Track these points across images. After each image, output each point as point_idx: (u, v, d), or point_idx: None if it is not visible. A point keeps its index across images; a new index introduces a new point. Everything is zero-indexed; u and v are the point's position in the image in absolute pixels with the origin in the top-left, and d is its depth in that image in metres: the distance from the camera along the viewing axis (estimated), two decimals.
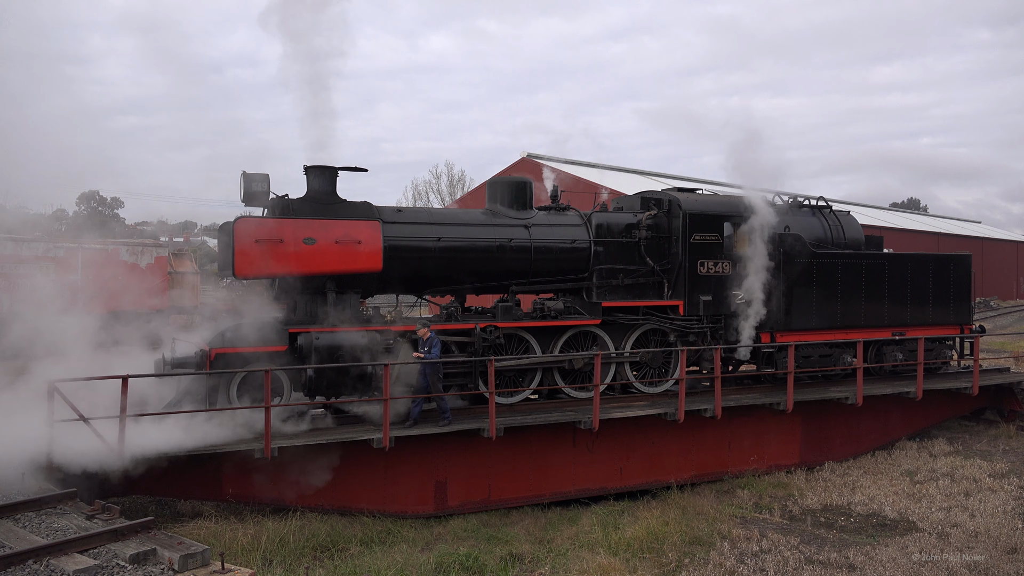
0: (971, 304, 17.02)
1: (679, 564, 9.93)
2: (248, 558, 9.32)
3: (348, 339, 11.58)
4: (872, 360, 16.09)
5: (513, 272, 13.52)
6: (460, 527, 11.28)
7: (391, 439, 10.85)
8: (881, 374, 16.35)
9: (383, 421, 10.85)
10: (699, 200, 14.75)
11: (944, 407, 16.79)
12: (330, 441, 10.88)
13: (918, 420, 16.47)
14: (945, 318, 16.43)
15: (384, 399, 10.81)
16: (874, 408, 15.45)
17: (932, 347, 16.42)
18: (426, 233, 12.75)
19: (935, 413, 16.69)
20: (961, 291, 16.60)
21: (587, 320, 13.69)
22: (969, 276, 16.86)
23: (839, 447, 15.44)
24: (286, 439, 10.73)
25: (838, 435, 15.43)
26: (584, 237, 13.90)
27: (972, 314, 17.07)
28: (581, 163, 35.74)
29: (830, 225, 16.18)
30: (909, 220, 53.97)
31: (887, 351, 16.12)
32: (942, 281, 16.36)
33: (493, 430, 11.38)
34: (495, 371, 12.16)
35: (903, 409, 15.96)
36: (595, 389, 12.21)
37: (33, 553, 6.82)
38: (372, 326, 12.03)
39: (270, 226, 11.63)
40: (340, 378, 11.52)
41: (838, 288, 15.25)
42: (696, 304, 14.29)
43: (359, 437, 10.99)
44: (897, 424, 16.16)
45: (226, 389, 11.23)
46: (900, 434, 16.27)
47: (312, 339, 11.45)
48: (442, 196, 58.42)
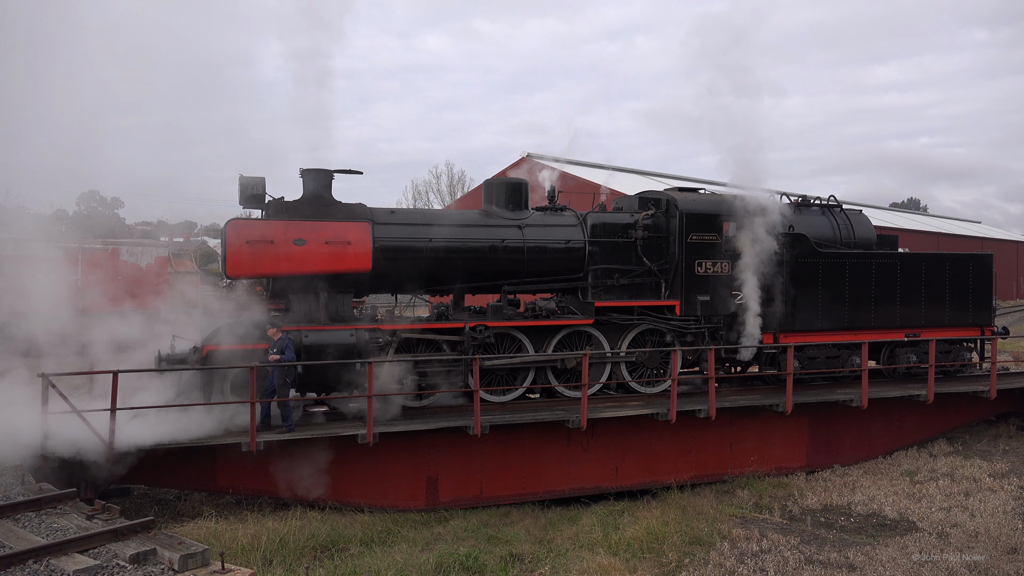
0: (992, 305, 16.62)
1: (679, 564, 9.93)
2: (248, 558, 9.32)
3: (335, 338, 11.86)
4: (885, 362, 15.87)
5: (506, 272, 13.63)
6: (460, 527, 11.29)
7: (375, 435, 11.08)
8: (895, 376, 16.07)
9: (367, 417, 11.07)
10: (696, 200, 14.70)
11: (965, 411, 16.30)
12: (316, 436, 11.16)
13: (936, 424, 16.02)
14: (963, 319, 16.05)
15: (368, 395, 11.01)
16: (887, 411, 15.18)
17: (949, 349, 16.07)
18: (418, 234, 12.94)
19: (954, 417, 16.22)
20: (981, 292, 16.19)
21: (579, 320, 13.74)
22: (990, 277, 16.47)
23: (849, 451, 15.14)
24: (273, 434, 10.98)
25: (848, 438, 15.15)
26: (579, 237, 13.95)
27: (993, 315, 16.67)
28: (582, 163, 35.68)
29: (839, 224, 15.97)
30: (909, 220, 53.97)
31: (901, 353, 15.87)
32: (960, 282, 16.00)
33: (478, 427, 11.55)
34: (485, 370, 12.63)
35: (919, 413, 15.56)
36: (583, 388, 12.25)
37: (33, 553, 6.82)
38: (360, 325, 12.28)
39: (261, 228, 11.97)
40: (328, 375, 11.80)
41: (845, 288, 15.04)
42: (693, 304, 14.25)
43: (344, 432, 11.24)
44: (912, 428, 15.78)
45: (220, 384, 11.53)
46: (916, 438, 15.85)
47: (300, 337, 11.72)
48: (442, 196, 58.43)
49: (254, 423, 10.49)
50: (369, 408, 11.01)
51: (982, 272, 16.30)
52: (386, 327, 12.51)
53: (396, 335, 12.49)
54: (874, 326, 15.30)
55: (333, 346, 11.84)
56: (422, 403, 12.97)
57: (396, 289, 13.50)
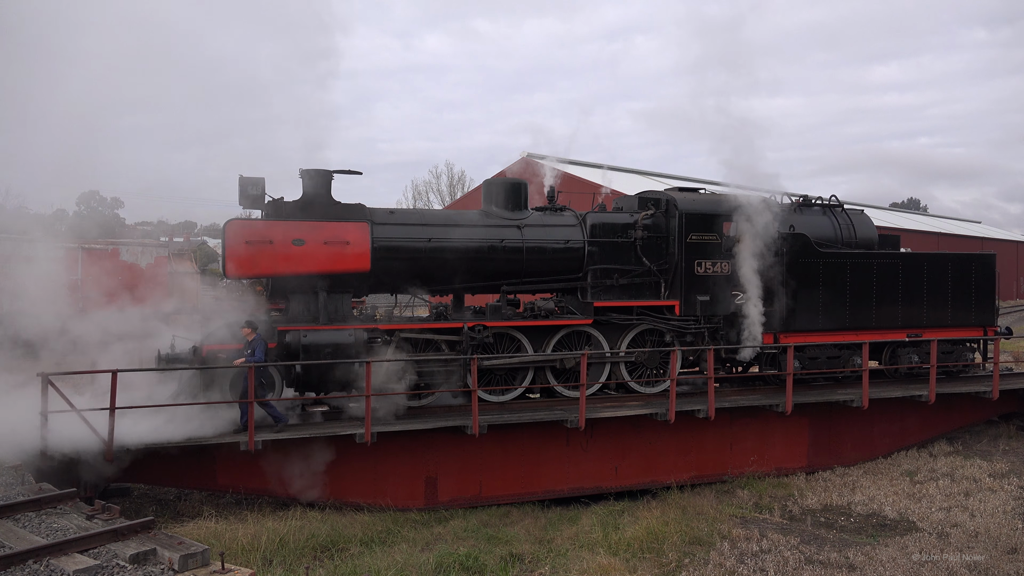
0: (995, 305, 16.54)
1: (679, 564, 9.93)
2: (248, 558, 9.32)
3: (333, 337, 11.91)
4: (887, 363, 15.82)
5: (505, 272, 13.66)
6: (460, 527, 11.29)
7: (373, 434, 11.10)
8: (897, 376, 16.01)
9: (365, 417, 11.08)
10: (696, 200, 14.68)
11: (969, 411, 16.22)
12: (314, 436, 11.18)
13: (939, 424, 15.94)
14: (966, 320, 15.99)
15: (366, 395, 11.02)
16: (889, 412, 15.12)
17: (952, 350, 15.99)
18: (416, 234, 13.01)
19: (958, 417, 16.15)
20: (984, 292, 16.13)
21: (577, 320, 13.76)
22: (993, 277, 16.41)
23: (850, 451, 15.08)
24: (271, 433, 11.02)
25: (849, 439, 15.09)
26: (578, 237, 13.97)
27: (996, 316, 16.59)
28: (583, 163, 35.65)
29: (841, 224, 15.94)
30: (909, 220, 53.99)
31: (903, 353, 15.82)
32: (963, 282, 15.93)
33: (476, 427, 11.57)
34: (485, 369, 12.72)
35: (921, 413, 15.46)
36: (581, 388, 12.26)
37: (33, 553, 6.81)
38: (358, 325, 12.33)
39: (259, 228, 12.07)
40: (326, 374, 11.86)
41: (846, 288, 14.98)
42: (693, 304, 14.24)
43: (342, 432, 11.27)
44: (914, 428, 15.70)
45: (220, 384, 11.57)
46: (918, 439, 15.78)
47: (299, 337, 11.76)
48: (442, 196, 58.41)
49: (252, 423, 10.52)
50: (367, 408, 11.03)
51: (985, 272, 16.24)
52: (384, 327, 12.55)
53: (395, 335, 12.52)
54: (875, 326, 15.25)
55: (331, 346, 11.87)
56: (421, 403, 12.98)
57: (395, 289, 13.52)
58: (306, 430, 11.34)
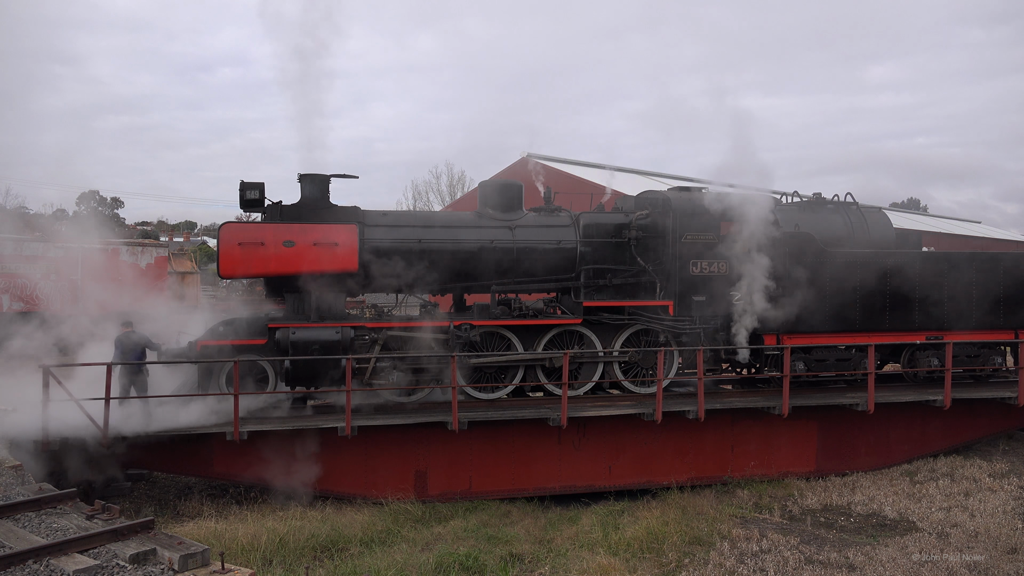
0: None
1: (679, 564, 9.93)
2: (248, 558, 9.33)
3: (320, 334, 12.42)
4: (906, 365, 15.37)
5: (497, 272, 13.83)
6: (460, 527, 11.29)
7: (355, 428, 11.54)
8: (917, 380, 15.48)
9: (346, 410, 11.52)
10: (691, 199, 14.46)
11: (999, 418, 15.39)
12: (298, 428, 11.62)
13: (962, 432, 15.20)
14: (995, 322, 15.29)
15: (346, 390, 11.48)
16: (907, 417, 14.61)
17: (979, 353, 15.39)
18: (407, 235, 13.41)
19: (986, 424, 15.35)
20: (1016, 292, 15.37)
21: (566, 319, 13.80)
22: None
23: (864, 457, 14.57)
24: (257, 423, 11.57)
25: (863, 444, 14.56)
26: (571, 238, 14.03)
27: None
28: (582, 163, 35.60)
29: (853, 223, 15.59)
30: (909, 220, 53.90)
31: (922, 356, 15.26)
32: (991, 282, 15.23)
33: (456, 423, 11.83)
34: (474, 367, 13.25)
35: (944, 419, 14.73)
36: (563, 387, 12.28)
37: (33, 553, 6.82)
38: (346, 322, 12.80)
39: (252, 230, 12.72)
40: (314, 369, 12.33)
41: (856, 289, 14.56)
42: (688, 304, 14.13)
43: (325, 424, 11.72)
44: (935, 435, 14.98)
45: (216, 378, 12.28)
46: (939, 446, 15.09)
47: (288, 333, 12.28)
48: (442, 196, 58.32)
49: (237, 414, 11.03)
50: (347, 402, 11.48)
51: (1017, 272, 15.42)
52: (371, 325, 12.90)
53: (382, 332, 12.86)
54: (889, 328, 14.77)
55: (318, 342, 12.32)
56: (411, 399, 13.31)
57: (387, 289, 13.73)
58: (291, 422, 11.77)
